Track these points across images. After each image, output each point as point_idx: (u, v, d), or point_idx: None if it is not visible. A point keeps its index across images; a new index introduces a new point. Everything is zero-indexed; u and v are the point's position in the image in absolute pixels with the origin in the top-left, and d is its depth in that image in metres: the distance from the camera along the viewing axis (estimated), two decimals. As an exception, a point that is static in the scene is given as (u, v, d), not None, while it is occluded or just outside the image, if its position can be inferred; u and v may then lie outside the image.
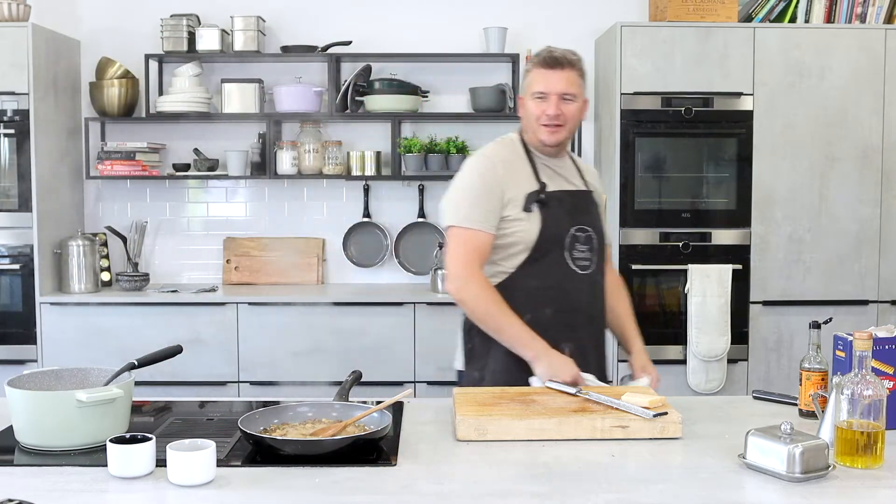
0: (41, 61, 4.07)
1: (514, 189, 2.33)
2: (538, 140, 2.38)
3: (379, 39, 4.50)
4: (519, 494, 1.54)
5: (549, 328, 2.30)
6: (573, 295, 2.36)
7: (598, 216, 2.46)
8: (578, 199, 2.43)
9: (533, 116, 2.37)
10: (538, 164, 2.41)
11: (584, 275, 2.38)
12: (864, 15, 4.20)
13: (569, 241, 2.36)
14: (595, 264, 2.41)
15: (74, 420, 1.72)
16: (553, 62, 2.34)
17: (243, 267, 4.52)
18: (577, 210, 2.40)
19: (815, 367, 1.99)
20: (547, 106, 2.33)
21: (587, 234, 2.39)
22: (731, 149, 4.11)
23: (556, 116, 2.33)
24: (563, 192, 2.40)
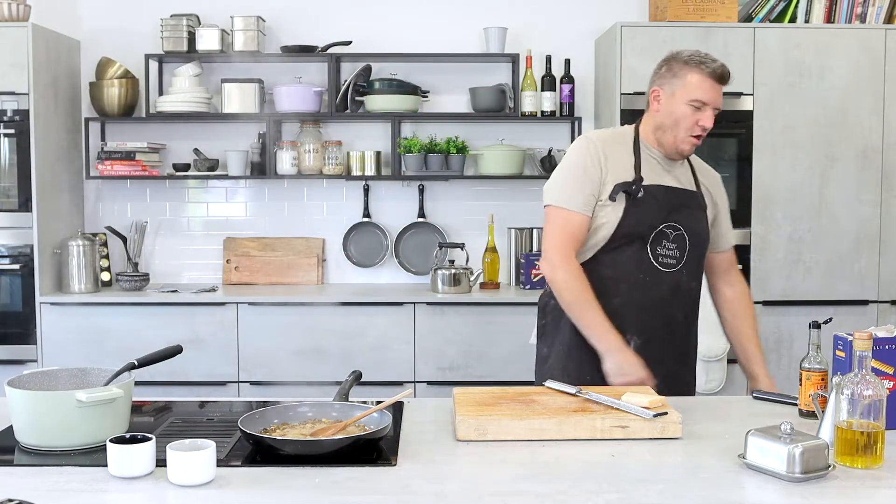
0: (41, 61, 4.07)
1: (612, 175, 2.33)
2: (675, 145, 2.36)
3: (379, 39, 4.50)
4: (519, 494, 1.54)
5: (614, 319, 2.30)
6: (648, 291, 2.34)
7: (699, 218, 2.42)
8: (677, 196, 2.39)
9: (682, 122, 2.34)
10: (644, 157, 2.39)
11: (666, 272, 2.36)
12: (864, 15, 4.20)
13: (654, 236, 2.34)
14: (684, 264, 2.38)
15: (74, 420, 1.72)
16: (722, 77, 2.33)
17: (243, 267, 4.52)
18: (671, 207, 2.36)
19: (815, 367, 1.99)
20: (704, 118, 2.32)
21: (678, 233, 2.36)
22: (731, 149, 4.10)
23: (706, 129, 2.34)
24: (660, 187, 2.36)
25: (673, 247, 2.36)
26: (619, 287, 2.34)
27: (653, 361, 2.28)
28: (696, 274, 2.44)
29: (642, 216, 2.33)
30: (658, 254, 2.35)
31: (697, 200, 2.43)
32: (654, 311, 2.36)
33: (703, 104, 2.32)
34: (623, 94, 4.04)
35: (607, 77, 4.24)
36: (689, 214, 2.39)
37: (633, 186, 2.32)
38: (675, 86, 2.36)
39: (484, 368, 4.09)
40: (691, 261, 2.40)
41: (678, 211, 2.37)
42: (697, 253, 2.41)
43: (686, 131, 2.34)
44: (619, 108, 4.05)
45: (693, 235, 2.39)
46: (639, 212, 2.32)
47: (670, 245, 2.36)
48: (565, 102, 4.43)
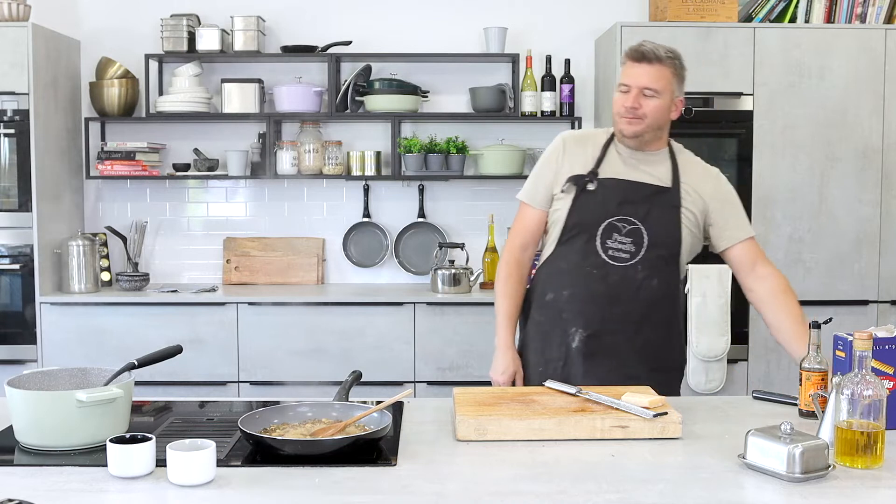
0: (41, 61, 4.07)
1: (568, 169, 2.40)
2: (619, 131, 2.39)
3: (379, 39, 4.50)
4: (519, 494, 1.54)
5: (563, 311, 2.38)
6: (595, 284, 2.35)
7: (666, 215, 2.36)
8: (636, 190, 2.37)
9: (615, 107, 2.38)
10: (611, 153, 2.41)
11: (616, 266, 2.35)
12: (864, 15, 4.20)
13: (604, 229, 2.35)
14: (640, 260, 2.35)
15: (74, 420, 1.72)
16: (639, 56, 2.34)
17: (243, 267, 4.52)
18: (626, 201, 2.35)
19: (815, 367, 1.99)
20: (626, 98, 2.34)
21: (633, 227, 2.35)
22: (731, 149, 4.10)
23: (633, 109, 2.32)
24: (616, 180, 2.37)
25: (627, 241, 2.34)
26: (569, 279, 2.37)
27: (602, 357, 2.33)
28: (659, 272, 2.37)
29: (590, 208, 2.35)
30: (608, 247, 2.35)
31: (668, 198, 2.38)
32: (601, 305, 2.35)
33: (627, 87, 2.35)
34: (623, 94, 4.04)
35: (607, 77, 4.24)
36: (652, 210, 2.36)
37: (585, 178, 2.36)
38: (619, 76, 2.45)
39: (484, 368, 4.05)
40: (651, 258, 2.35)
41: (636, 204, 2.35)
42: (661, 251, 2.36)
43: (617, 115, 2.37)
44: (619, 108, 4.05)
45: (654, 232, 2.35)
46: (587, 203, 2.36)
47: (623, 239, 2.34)
48: (565, 102, 4.43)
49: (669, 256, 2.38)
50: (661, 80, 2.33)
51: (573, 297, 2.37)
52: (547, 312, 2.43)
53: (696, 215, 2.41)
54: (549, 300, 2.42)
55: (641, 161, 2.41)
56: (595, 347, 2.35)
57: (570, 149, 2.44)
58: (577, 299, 2.36)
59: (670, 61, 2.35)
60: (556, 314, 2.40)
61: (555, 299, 2.40)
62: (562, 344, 2.39)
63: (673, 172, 2.41)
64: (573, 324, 2.37)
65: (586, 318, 2.36)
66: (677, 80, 2.38)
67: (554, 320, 2.41)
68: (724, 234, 2.46)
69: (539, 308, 2.45)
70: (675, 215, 2.38)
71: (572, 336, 2.37)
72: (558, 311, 2.39)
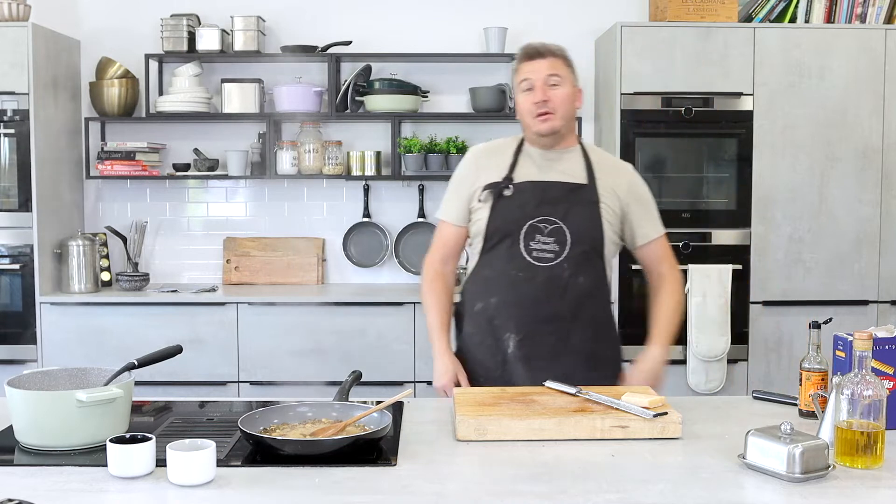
0: (41, 61, 4.07)
1: (484, 179, 2.39)
2: (533, 133, 2.38)
3: (379, 39, 4.50)
4: (519, 494, 1.54)
5: (493, 318, 2.36)
6: (522, 286, 2.33)
7: (585, 211, 2.35)
8: (553, 189, 2.36)
9: (525, 110, 2.38)
10: (523, 158, 2.41)
11: (541, 267, 2.32)
12: (864, 15, 4.20)
13: (526, 231, 2.33)
14: (565, 258, 2.32)
15: (74, 420, 1.72)
16: (533, 52, 2.37)
17: (243, 267, 4.52)
18: (544, 201, 2.34)
19: (815, 367, 1.99)
20: (533, 94, 2.34)
21: (555, 227, 2.33)
22: (731, 149, 4.11)
23: (545, 102, 2.33)
24: (530, 182, 2.36)
25: (550, 241, 2.33)
26: (496, 286, 2.35)
27: (539, 359, 2.31)
28: (584, 269, 2.36)
29: (509, 213, 2.34)
30: (532, 248, 2.33)
31: (586, 194, 2.37)
32: (531, 307, 2.33)
33: (528, 81, 2.36)
34: (623, 94, 4.04)
35: (607, 77, 4.24)
36: (571, 208, 2.34)
37: (501, 185, 2.36)
38: (514, 83, 2.45)
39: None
40: (575, 255, 2.33)
41: (555, 204, 2.34)
42: (584, 247, 2.34)
43: (529, 115, 2.36)
44: (619, 108, 4.05)
45: (575, 229, 2.33)
46: (505, 209, 2.35)
47: (546, 239, 2.33)
48: (565, 102, 4.42)
49: (594, 252, 2.37)
50: (560, 69, 2.37)
51: (502, 302, 2.35)
52: (478, 322, 2.40)
53: (615, 210, 2.40)
54: (478, 310, 2.39)
55: (555, 161, 2.40)
56: (530, 350, 2.33)
57: (481, 161, 2.45)
58: (506, 304, 2.34)
59: (560, 53, 2.40)
60: (486, 322, 2.37)
61: (484, 308, 2.38)
62: (497, 352, 2.35)
63: (587, 169, 2.40)
64: (505, 329, 2.34)
65: (517, 322, 2.34)
66: (572, 70, 2.42)
67: (486, 329, 2.37)
68: (638, 231, 2.45)
69: (470, 320, 2.43)
70: (595, 211, 2.37)
71: (506, 342, 2.34)
72: (489, 318, 2.36)
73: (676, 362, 4.12)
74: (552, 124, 2.34)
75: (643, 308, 4.07)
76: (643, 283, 4.09)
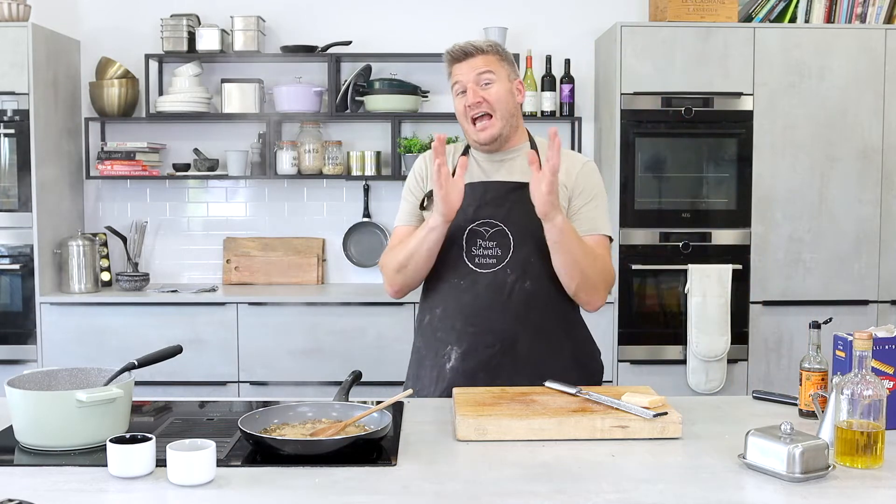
0: (41, 61, 4.07)
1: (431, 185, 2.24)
2: (473, 142, 2.26)
3: (379, 39, 4.50)
4: (519, 494, 1.54)
5: (437, 330, 2.24)
6: (463, 295, 2.20)
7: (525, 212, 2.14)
8: (494, 190, 2.23)
9: (460, 114, 2.24)
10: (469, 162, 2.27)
11: (483, 273, 2.20)
12: (864, 15, 4.20)
13: (467, 236, 2.21)
14: (508, 262, 2.18)
15: (74, 420, 1.72)
16: (460, 53, 2.22)
17: (243, 267, 4.52)
18: (485, 203, 2.21)
19: (815, 367, 1.99)
20: (466, 97, 2.20)
21: (497, 230, 2.19)
22: (731, 149, 4.11)
23: (478, 104, 2.18)
24: (471, 184, 2.21)
25: (492, 244, 2.19)
26: (440, 296, 2.24)
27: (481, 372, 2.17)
28: (530, 273, 2.19)
29: None
30: (474, 255, 2.21)
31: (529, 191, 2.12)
32: (472, 316, 2.19)
33: (461, 84, 2.21)
34: (623, 94, 4.04)
35: (607, 77, 4.24)
36: (513, 208, 2.20)
37: None
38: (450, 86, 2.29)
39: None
40: (519, 258, 2.18)
41: (496, 205, 2.21)
42: (528, 250, 2.18)
43: (466, 120, 2.23)
44: (619, 108, 4.05)
45: (518, 231, 2.18)
46: None
47: (488, 243, 2.19)
48: (565, 102, 4.43)
49: (540, 255, 2.17)
50: (492, 64, 2.20)
51: (444, 313, 2.23)
52: (424, 336, 2.30)
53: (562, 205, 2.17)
54: (425, 323, 2.29)
55: (501, 162, 2.27)
56: (474, 364, 2.19)
57: (430, 166, 2.28)
58: (448, 315, 2.22)
59: (491, 48, 2.23)
60: (431, 335, 2.26)
61: (429, 320, 2.27)
62: (434, 366, 2.25)
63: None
64: (446, 342, 2.22)
65: (459, 334, 2.20)
66: (507, 63, 2.25)
67: (429, 343, 2.27)
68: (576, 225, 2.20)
69: (418, 334, 2.34)
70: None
71: (447, 355, 2.21)
72: (433, 331, 2.26)
73: (676, 362, 4.12)
74: (491, 132, 2.20)
75: (643, 308, 4.12)
76: (643, 283, 4.12)
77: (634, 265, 4.09)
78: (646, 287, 4.14)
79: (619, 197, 4.08)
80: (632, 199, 4.09)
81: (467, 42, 2.24)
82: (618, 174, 4.08)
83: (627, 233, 4.08)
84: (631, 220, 4.09)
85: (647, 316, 4.13)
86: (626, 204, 4.09)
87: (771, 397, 2.18)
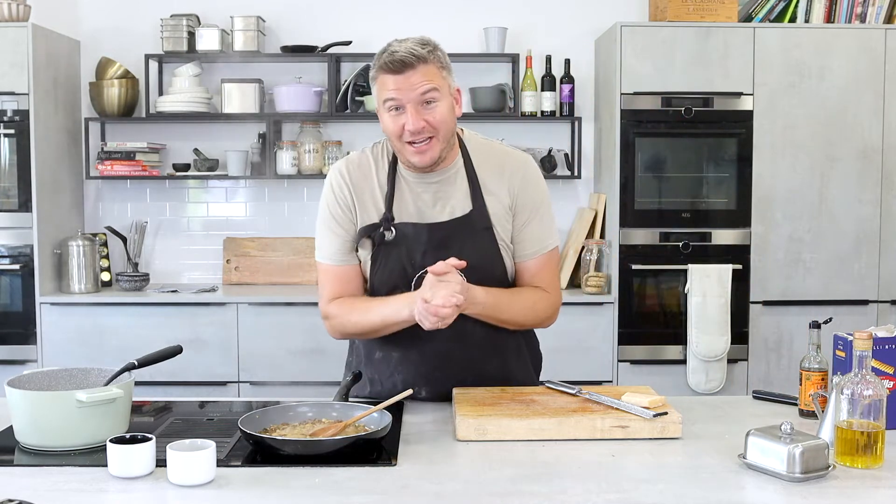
0: (41, 61, 4.07)
1: (361, 213, 2.05)
2: (406, 162, 2.01)
3: (379, 39, 4.43)
4: (519, 494, 1.54)
5: (396, 372, 2.11)
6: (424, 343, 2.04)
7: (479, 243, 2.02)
8: (440, 230, 2.01)
9: (394, 134, 1.96)
10: (399, 184, 2.05)
11: None
12: (864, 15, 4.20)
13: (415, 283, 1.99)
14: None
15: (74, 420, 1.72)
16: (398, 65, 1.90)
17: (243, 267, 4.52)
18: (433, 245, 2.00)
19: (815, 367, 1.99)
20: (405, 119, 1.92)
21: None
22: (731, 149, 4.11)
23: (420, 130, 1.93)
24: (413, 225, 2.01)
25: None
26: (394, 339, 2.05)
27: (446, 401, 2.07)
28: None
29: (394, 261, 2.02)
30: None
31: (474, 221, 2.02)
32: (437, 359, 2.07)
33: (397, 102, 1.93)
34: (623, 94, 4.04)
35: (607, 77, 4.24)
36: (464, 245, 2.00)
37: (380, 229, 2.01)
38: (376, 96, 1.99)
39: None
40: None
41: (445, 247, 1.99)
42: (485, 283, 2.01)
43: (399, 140, 1.96)
44: (619, 108, 4.05)
45: (471, 269, 1.95)
46: (389, 257, 2.03)
47: None
48: (565, 102, 4.43)
49: (496, 284, 2.05)
50: (435, 77, 1.93)
51: (405, 358, 2.09)
52: (379, 371, 2.15)
53: (507, 227, 2.07)
54: (378, 358, 2.14)
55: (436, 186, 2.05)
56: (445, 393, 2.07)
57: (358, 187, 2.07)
58: (411, 360, 2.08)
59: (431, 55, 1.94)
60: (389, 374, 2.13)
61: (384, 359, 2.12)
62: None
63: (471, 186, 2.05)
64: (412, 383, 2.07)
65: (426, 378, 2.08)
66: (446, 71, 1.97)
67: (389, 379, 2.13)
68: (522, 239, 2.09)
69: (369, 365, 2.17)
70: (489, 238, 2.04)
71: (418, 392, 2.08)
72: (391, 372, 2.12)
73: (676, 362, 4.12)
74: (431, 155, 1.96)
75: (643, 308, 4.11)
76: (643, 283, 4.12)
77: (634, 265, 4.09)
78: (646, 287, 4.14)
79: (619, 197, 4.08)
80: (632, 199, 4.09)
81: (406, 49, 1.91)
82: (618, 174, 4.08)
83: (627, 233, 4.08)
84: (631, 220, 4.09)
85: (647, 316, 4.13)
86: (626, 204, 4.09)
87: (771, 397, 2.18)
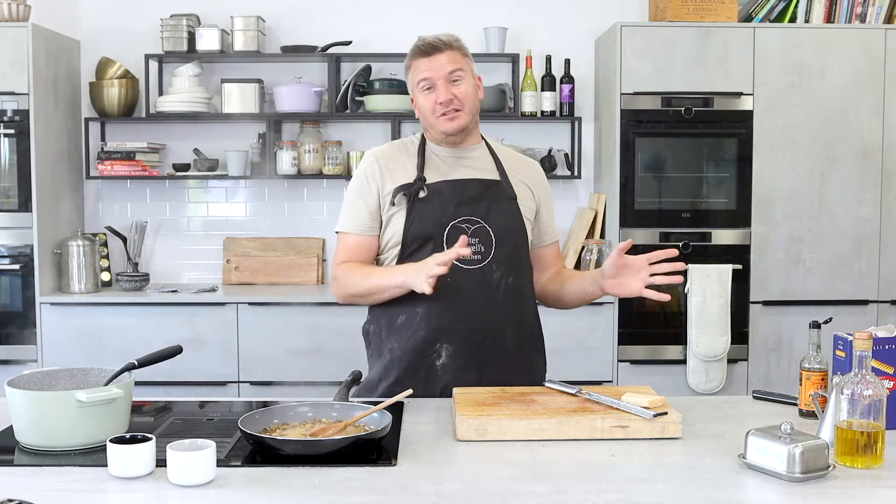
0: (41, 61, 4.07)
1: (392, 183, 2.24)
2: (439, 133, 2.25)
3: (379, 39, 4.50)
4: (519, 494, 1.54)
5: (418, 330, 2.20)
6: (452, 293, 2.16)
7: (507, 208, 2.25)
8: (471, 188, 2.24)
9: (427, 110, 2.23)
10: (429, 157, 2.28)
11: (469, 270, 2.19)
12: (864, 15, 4.20)
13: (448, 233, 2.18)
14: (492, 258, 2.20)
15: (74, 420, 1.72)
16: (429, 48, 2.21)
17: (243, 267, 4.52)
18: (463, 200, 2.22)
19: (815, 367, 1.99)
20: (437, 94, 2.20)
21: (478, 227, 2.20)
22: (731, 149, 4.11)
23: (450, 101, 2.20)
24: (446, 182, 2.23)
25: (474, 241, 2.19)
26: (420, 294, 2.10)
27: (472, 369, 2.19)
28: (513, 269, 2.24)
29: (428, 215, 2.20)
30: None
31: (502, 190, 2.26)
32: (462, 313, 2.19)
33: (428, 81, 2.21)
34: (623, 93, 4.04)
35: (607, 77, 4.24)
36: (492, 205, 2.23)
37: (415, 185, 2.21)
38: (410, 81, 2.28)
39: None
40: (502, 254, 2.22)
41: (475, 203, 2.22)
42: (510, 246, 2.23)
43: (433, 114, 2.22)
44: (619, 107, 4.05)
45: (499, 227, 2.22)
46: (423, 212, 2.20)
47: (471, 240, 2.18)
48: (565, 102, 4.43)
49: (519, 251, 2.26)
50: (460, 61, 2.23)
51: (429, 312, 2.18)
52: (398, 338, 2.24)
53: (530, 207, 2.31)
54: (401, 323, 2.23)
55: (463, 158, 2.29)
56: (465, 361, 2.19)
57: (386, 164, 2.27)
58: (434, 314, 2.18)
59: (456, 43, 2.25)
60: (409, 335, 2.22)
61: (407, 320, 2.21)
62: (420, 367, 2.21)
63: (497, 165, 2.31)
64: (433, 341, 2.19)
65: (449, 333, 2.19)
66: (469, 59, 2.27)
67: (408, 344, 2.22)
68: (546, 230, 2.38)
69: (391, 335, 2.26)
70: (514, 207, 2.27)
71: (436, 353, 2.20)
72: (412, 331, 2.21)
73: (676, 362, 4.12)
74: (460, 122, 2.22)
75: (643, 308, 4.11)
76: (643, 283, 4.11)
77: (634, 265, 4.08)
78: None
79: (619, 197, 4.08)
80: (632, 199, 4.09)
81: (435, 36, 2.23)
82: (618, 174, 4.08)
83: (627, 233, 4.08)
84: (631, 220, 4.09)
85: (647, 316, 4.13)
86: (626, 204, 4.09)
87: (771, 397, 2.18)
